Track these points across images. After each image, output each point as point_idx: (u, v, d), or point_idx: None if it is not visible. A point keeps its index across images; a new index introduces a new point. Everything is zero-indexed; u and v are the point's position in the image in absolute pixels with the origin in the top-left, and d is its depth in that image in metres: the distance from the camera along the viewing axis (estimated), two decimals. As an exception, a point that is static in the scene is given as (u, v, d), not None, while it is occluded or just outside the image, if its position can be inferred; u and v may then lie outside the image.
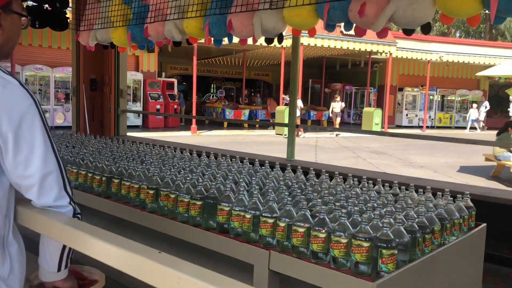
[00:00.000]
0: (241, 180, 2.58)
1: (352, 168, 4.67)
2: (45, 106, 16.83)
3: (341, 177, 2.69)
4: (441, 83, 26.57)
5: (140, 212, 2.59)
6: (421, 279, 1.96)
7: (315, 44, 18.12)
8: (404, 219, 1.96)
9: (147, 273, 1.12)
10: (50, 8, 4.74)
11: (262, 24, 3.01)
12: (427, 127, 24.82)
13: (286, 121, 5.52)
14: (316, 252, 1.86)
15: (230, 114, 21.25)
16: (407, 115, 25.86)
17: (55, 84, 17.59)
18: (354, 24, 2.72)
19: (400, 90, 25.93)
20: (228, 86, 29.61)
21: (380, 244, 1.74)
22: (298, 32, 3.15)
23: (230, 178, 2.58)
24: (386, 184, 2.51)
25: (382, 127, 21.25)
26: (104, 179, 2.88)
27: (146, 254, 1.14)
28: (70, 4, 5.25)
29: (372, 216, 1.87)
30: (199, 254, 2.38)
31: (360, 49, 19.28)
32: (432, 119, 26.34)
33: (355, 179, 2.65)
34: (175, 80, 21.29)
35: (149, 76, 19.82)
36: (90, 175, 2.98)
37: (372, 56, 21.73)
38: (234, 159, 3.23)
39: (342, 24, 2.84)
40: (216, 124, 21.59)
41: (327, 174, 2.71)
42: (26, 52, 16.62)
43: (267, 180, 2.60)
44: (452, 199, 2.33)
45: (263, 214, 2.04)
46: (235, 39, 3.39)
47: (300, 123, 17.96)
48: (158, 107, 19.31)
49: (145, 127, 18.93)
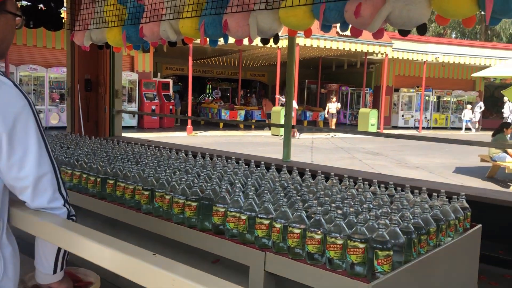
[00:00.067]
0: (236, 181, 2.57)
1: (348, 169, 4.68)
2: (39, 107, 16.75)
3: (336, 178, 2.69)
4: (437, 84, 26.66)
5: (135, 213, 2.58)
6: (416, 280, 1.96)
7: (311, 45, 18.14)
8: (400, 220, 1.96)
9: (141, 275, 1.11)
10: (44, 8, 4.72)
11: (258, 25, 3.00)
12: (423, 128, 24.88)
13: (282, 122, 5.52)
14: (312, 253, 1.86)
15: (225, 114, 21.24)
16: (403, 115, 25.92)
17: (50, 84, 17.50)
18: (350, 25, 2.72)
19: (396, 90, 25.99)
20: (224, 87, 29.58)
21: (376, 245, 1.74)
22: (294, 33, 3.15)
23: (226, 179, 2.58)
24: (382, 185, 2.52)
25: (378, 127, 21.29)
26: (99, 180, 2.87)
27: (141, 256, 1.14)
28: (65, 4, 5.22)
29: (368, 217, 1.88)
30: (194, 255, 2.37)
31: (356, 49, 19.29)
32: (428, 120, 26.43)
33: (351, 180, 2.65)
34: (170, 81, 21.24)
35: (144, 77, 19.76)
36: (84, 176, 2.97)
37: (368, 56, 21.76)
38: (229, 160, 3.23)
39: (338, 25, 2.83)
40: (212, 125, 21.56)
41: (323, 175, 2.71)
42: (21, 52, 16.52)
43: (263, 181, 2.60)
44: (447, 200, 2.34)
45: (259, 215, 2.04)
46: (231, 40, 3.38)
47: (296, 124, 17.95)
48: (154, 107, 19.25)
49: (140, 127, 18.88)
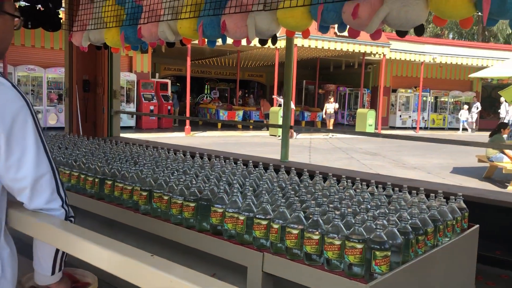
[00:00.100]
0: (234, 182, 2.57)
1: (346, 170, 4.69)
2: (37, 107, 16.73)
3: (334, 178, 2.69)
4: (434, 84, 26.70)
5: (133, 214, 2.58)
6: (414, 281, 1.96)
7: (309, 45, 18.14)
8: (398, 221, 1.97)
9: (139, 276, 1.11)
10: (42, 9, 4.72)
11: (256, 25, 3.00)
12: (421, 128, 24.91)
13: (280, 122, 5.52)
14: (310, 254, 1.86)
15: (224, 115, 21.24)
16: (400, 116, 25.94)
17: (48, 84, 17.46)
18: (348, 26, 2.72)
19: (394, 91, 26.02)
20: (222, 87, 29.56)
21: (374, 246, 1.74)
22: (292, 34, 3.16)
23: (224, 179, 2.58)
24: (380, 185, 2.52)
25: (376, 128, 21.31)
26: (97, 180, 2.86)
27: (139, 258, 1.14)
28: (63, 5, 5.22)
29: (366, 217, 1.88)
30: (192, 256, 2.37)
31: (354, 50, 19.30)
32: (426, 120, 26.46)
33: (349, 180, 2.65)
34: (169, 81, 21.22)
35: (142, 77, 19.75)
36: (83, 176, 2.97)
37: (365, 57, 21.79)
38: (227, 161, 3.23)
39: (336, 26, 2.84)
40: (210, 125, 21.55)
41: (321, 176, 2.71)
42: (19, 53, 16.49)
43: (261, 182, 2.60)
44: (445, 200, 2.34)
45: (257, 216, 2.04)
46: (229, 40, 3.38)
47: (294, 124, 17.94)
48: (152, 108, 19.24)
49: (138, 128, 18.86)
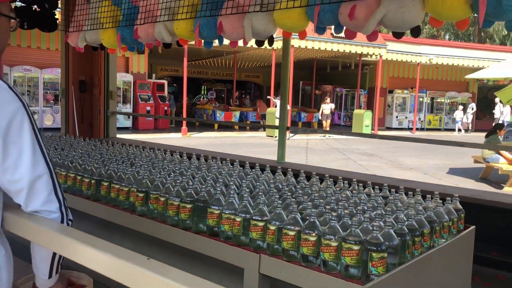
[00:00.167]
0: (231, 183, 2.57)
1: (342, 171, 4.69)
2: (33, 108, 16.66)
3: (331, 179, 2.69)
4: (430, 85, 26.78)
5: (129, 215, 2.58)
6: (410, 282, 1.96)
7: (306, 46, 18.16)
8: (394, 222, 1.97)
9: (135, 280, 1.10)
10: (39, 9, 4.70)
11: (253, 27, 3.00)
12: (417, 129, 24.97)
13: (277, 123, 5.52)
14: (306, 255, 1.86)
15: (220, 116, 21.23)
16: (397, 117, 26.00)
17: (44, 85, 17.41)
18: (345, 27, 2.73)
19: (390, 92, 26.07)
20: (219, 88, 29.56)
21: (370, 247, 1.74)
22: (289, 34, 3.16)
23: (220, 181, 2.57)
24: (376, 186, 2.52)
25: (372, 129, 21.34)
26: (93, 182, 2.85)
27: (135, 261, 1.13)
28: (59, 5, 5.20)
29: (362, 219, 1.88)
30: (189, 257, 2.37)
31: (350, 51, 19.34)
32: (422, 121, 26.53)
33: (345, 181, 2.65)
34: (165, 82, 21.19)
35: (139, 78, 19.71)
36: (79, 178, 2.96)
37: (362, 58, 21.81)
38: (224, 162, 3.23)
39: (333, 27, 2.84)
40: (207, 126, 21.53)
41: (317, 177, 2.71)
42: (15, 53, 16.42)
43: (258, 183, 2.59)
44: (441, 201, 2.35)
45: (254, 217, 2.04)
46: (226, 41, 3.38)
47: (290, 125, 17.95)
48: (148, 108, 19.20)
49: (135, 129, 18.83)
